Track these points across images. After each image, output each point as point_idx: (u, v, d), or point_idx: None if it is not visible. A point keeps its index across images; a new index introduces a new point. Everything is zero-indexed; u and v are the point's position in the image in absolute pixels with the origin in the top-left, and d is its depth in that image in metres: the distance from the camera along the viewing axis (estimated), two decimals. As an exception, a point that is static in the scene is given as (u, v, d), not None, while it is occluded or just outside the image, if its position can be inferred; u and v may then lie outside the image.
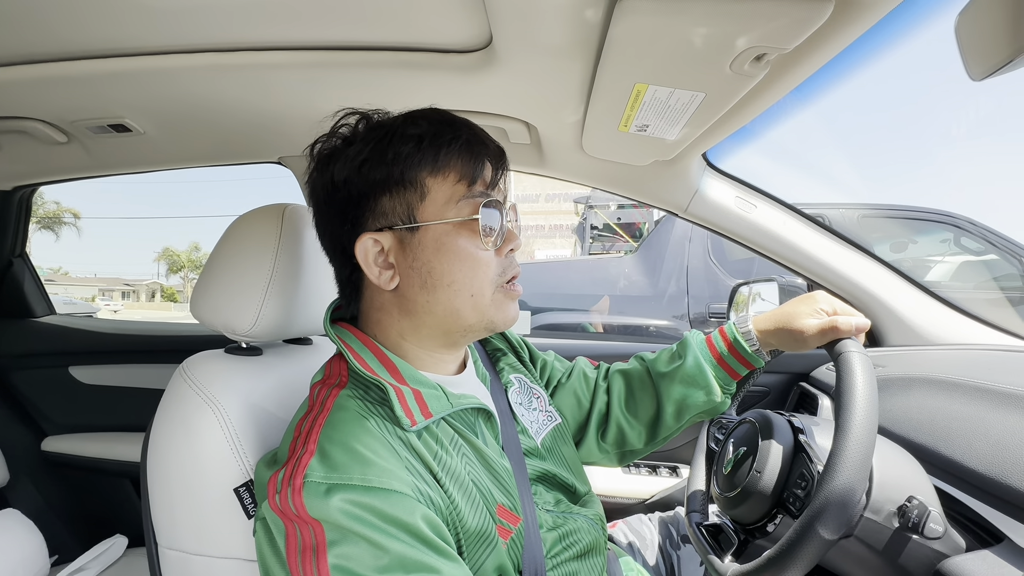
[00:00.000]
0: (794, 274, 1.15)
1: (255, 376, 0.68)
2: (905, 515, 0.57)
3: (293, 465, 0.48)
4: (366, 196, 0.56)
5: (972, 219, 2.89)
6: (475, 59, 0.74)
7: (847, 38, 0.55)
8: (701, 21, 0.52)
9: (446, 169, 0.56)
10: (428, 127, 0.56)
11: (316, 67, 0.81)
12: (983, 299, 2.80)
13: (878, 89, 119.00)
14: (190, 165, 1.21)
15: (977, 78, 0.43)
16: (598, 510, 0.72)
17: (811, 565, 0.54)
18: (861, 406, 0.54)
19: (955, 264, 2.98)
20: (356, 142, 0.57)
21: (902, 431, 0.77)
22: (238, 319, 0.66)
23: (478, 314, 0.58)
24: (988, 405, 0.70)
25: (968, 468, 0.64)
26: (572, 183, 1.21)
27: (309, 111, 0.96)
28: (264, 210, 0.71)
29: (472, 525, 0.52)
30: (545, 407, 0.76)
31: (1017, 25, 0.39)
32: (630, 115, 0.74)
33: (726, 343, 0.75)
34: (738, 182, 1.08)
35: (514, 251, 0.61)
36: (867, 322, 0.65)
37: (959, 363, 0.91)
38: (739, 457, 0.71)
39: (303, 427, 0.52)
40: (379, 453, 0.48)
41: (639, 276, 3.05)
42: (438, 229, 0.56)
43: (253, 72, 0.83)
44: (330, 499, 0.44)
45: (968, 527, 0.61)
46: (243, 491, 0.58)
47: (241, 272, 0.67)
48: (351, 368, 0.56)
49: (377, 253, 0.57)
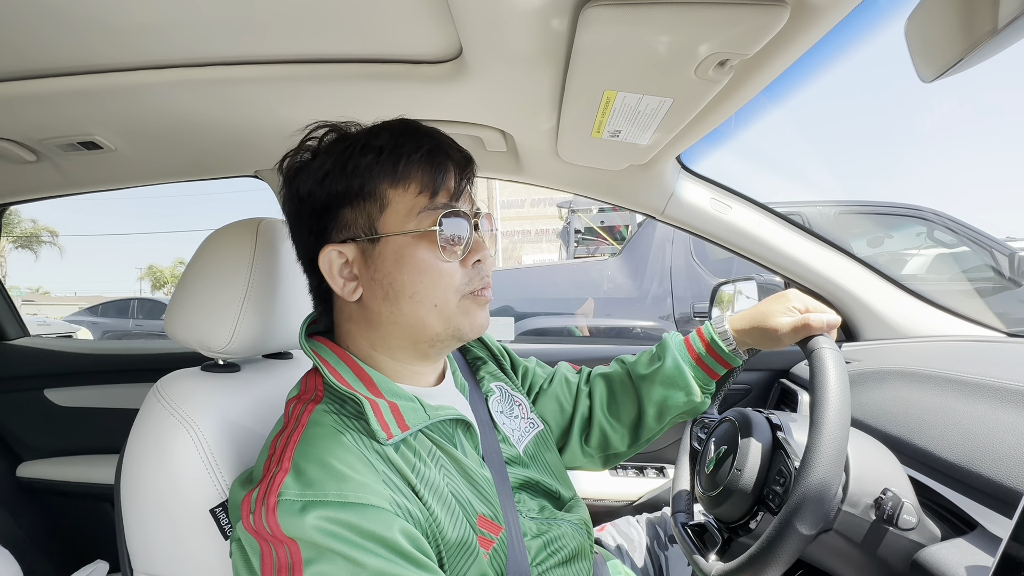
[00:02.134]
0: (771, 272, 1.17)
1: (233, 393, 0.67)
2: (881, 507, 0.58)
3: (267, 484, 0.47)
4: (328, 208, 0.57)
5: (943, 213, 2.97)
6: (447, 69, 0.75)
7: (805, 43, 0.56)
8: (664, 29, 0.53)
9: (406, 180, 0.56)
10: (390, 138, 0.56)
11: (288, 80, 0.81)
12: (956, 291, 2.88)
13: (845, 91, 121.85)
14: (165, 181, 1.20)
15: (928, 79, 0.44)
16: (583, 515, 0.72)
17: (791, 561, 0.54)
18: (833, 402, 0.55)
19: (930, 257, 3.06)
20: (320, 155, 0.57)
21: (877, 424, 0.79)
22: (213, 336, 0.65)
23: (444, 322, 0.57)
24: (959, 396, 0.71)
25: (941, 458, 0.66)
26: (551, 188, 1.21)
27: (283, 124, 0.95)
28: (238, 225, 0.71)
29: (452, 536, 0.51)
30: (527, 414, 0.76)
31: (963, 26, 0.41)
32: (602, 121, 0.75)
33: (704, 343, 0.76)
34: (712, 184, 1.10)
35: (482, 261, 0.59)
36: (838, 318, 0.66)
37: (931, 355, 0.93)
38: (720, 456, 0.72)
39: (278, 444, 0.51)
40: (355, 468, 0.48)
41: (623, 278, 3.07)
42: (398, 240, 0.55)
43: (224, 87, 0.82)
44: (305, 517, 0.44)
45: (943, 516, 0.63)
46: (220, 512, 0.57)
47: (216, 288, 0.66)
48: (327, 382, 0.55)
49: (341, 265, 0.57)
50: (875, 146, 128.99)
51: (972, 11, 0.39)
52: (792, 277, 1.13)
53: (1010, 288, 2.79)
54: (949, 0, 0.40)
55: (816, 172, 39.69)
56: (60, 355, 1.44)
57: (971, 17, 0.39)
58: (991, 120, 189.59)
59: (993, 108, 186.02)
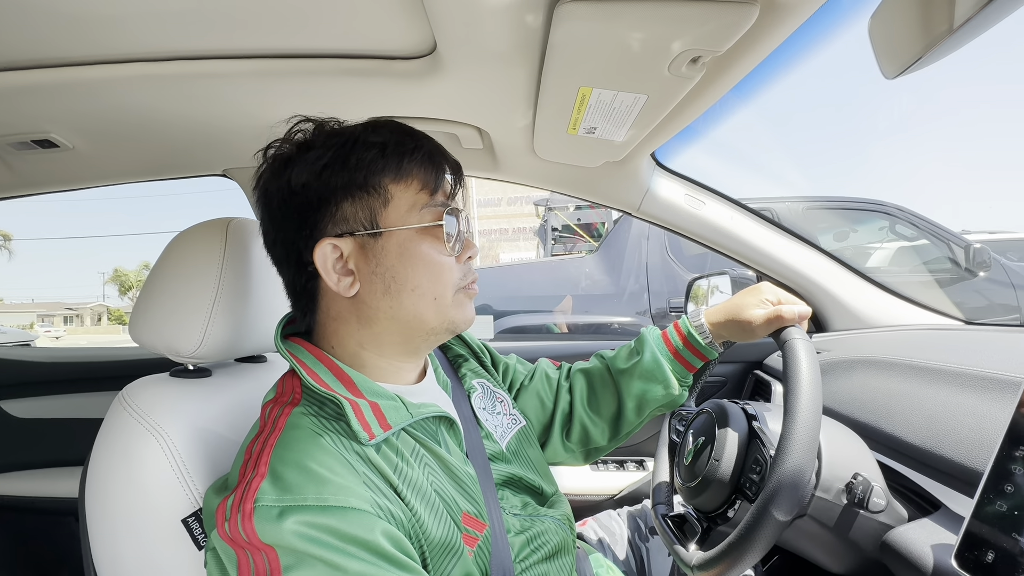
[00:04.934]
0: (744, 266, 1.20)
1: (204, 399, 0.65)
2: (852, 492, 0.60)
3: (243, 490, 0.46)
4: (327, 201, 0.56)
5: (904, 207, 3.10)
6: (421, 65, 0.74)
7: (774, 41, 0.57)
8: (636, 25, 0.54)
9: (409, 177, 0.56)
10: (390, 135, 0.57)
11: (258, 76, 0.78)
12: (917, 282, 3.00)
13: (813, 88, 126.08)
14: (127, 180, 1.15)
15: (890, 76, 0.46)
16: (566, 510, 0.73)
17: (768, 547, 0.56)
18: (805, 391, 0.56)
19: (892, 250, 3.18)
20: (316, 147, 0.56)
21: (847, 411, 0.82)
22: (182, 340, 0.63)
23: (440, 316, 0.58)
24: (922, 382, 0.74)
25: (906, 442, 0.68)
26: (529, 186, 1.22)
27: (253, 121, 0.93)
28: (207, 225, 0.69)
29: (436, 536, 0.51)
30: (509, 411, 0.76)
31: (924, 23, 0.42)
32: (577, 118, 0.76)
33: (680, 337, 0.77)
34: (687, 180, 1.12)
35: (472, 259, 0.62)
36: (808, 310, 0.68)
37: (896, 344, 0.97)
38: (698, 447, 0.73)
39: (253, 449, 0.50)
40: (335, 470, 0.47)
41: (601, 275, 3.10)
42: (402, 235, 0.56)
43: (191, 82, 0.80)
44: (283, 522, 0.43)
45: (909, 497, 0.65)
46: (192, 521, 0.55)
47: (184, 291, 0.64)
48: (304, 384, 0.54)
49: (336, 259, 0.56)
50: (841, 143, 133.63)
51: (930, 10, 0.40)
52: (764, 271, 1.16)
53: (966, 279, 2.92)
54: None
55: (786, 169, 40.99)
56: (16, 364, 1.37)
57: (929, 16, 0.41)
58: (947, 118, 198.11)
59: (949, 107, 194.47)
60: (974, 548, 0.48)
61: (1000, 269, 3.08)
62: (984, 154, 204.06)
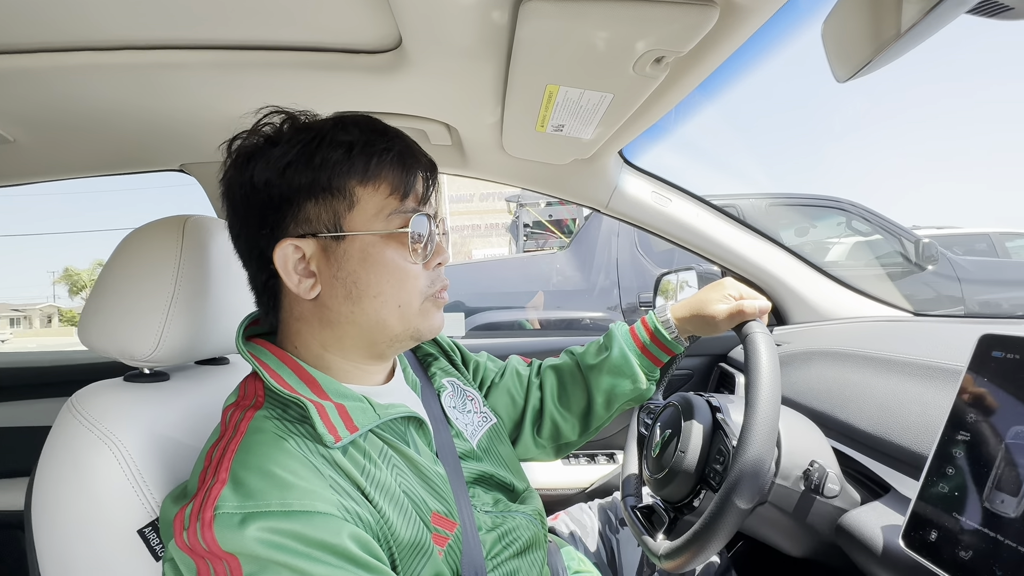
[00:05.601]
0: (709, 262, 1.23)
1: (161, 404, 0.63)
2: (809, 478, 0.63)
3: (202, 497, 0.44)
4: (289, 201, 0.54)
5: (859, 204, 3.24)
6: (386, 60, 0.72)
7: (734, 42, 0.59)
8: (601, 25, 0.54)
9: (377, 180, 0.54)
10: (360, 135, 0.54)
11: (218, 68, 0.75)
12: (871, 275, 3.15)
13: (771, 89, 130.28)
14: (76, 175, 1.09)
15: (842, 80, 0.48)
16: (537, 505, 0.73)
17: (731, 534, 0.57)
18: (765, 383, 0.58)
19: (849, 245, 3.33)
20: (281, 143, 0.54)
21: (804, 400, 0.85)
22: (136, 343, 0.61)
23: (404, 324, 0.57)
24: (874, 372, 0.78)
25: (859, 429, 0.72)
26: (498, 183, 1.21)
27: (212, 114, 0.89)
28: (162, 223, 0.66)
29: (405, 537, 0.51)
30: (480, 408, 0.76)
31: (874, 27, 0.44)
32: (545, 115, 0.76)
33: (648, 332, 0.78)
34: (653, 177, 1.14)
35: (442, 265, 0.60)
36: (768, 304, 0.70)
37: (850, 335, 1.01)
38: (665, 439, 0.75)
39: (214, 455, 0.49)
40: (299, 474, 0.46)
41: (572, 271, 3.13)
42: (365, 239, 0.54)
43: (145, 72, 0.76)
44: (245, 529, 0.42)
45: (862, 481, 0.69)
46: (149, 532, 0.53)
47: (138, 291, 0.61)
48: (267, 387, 0.53)
49: (298, 260, 0.54)
50: (802, 141, 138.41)
51: (879, 15, 0.42)
52: (728, 266, 1.20)
53: (915, 272, 3.09)
54: (859, 4, 0.43)
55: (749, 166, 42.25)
56: None
57: (878, 21, 0.43)
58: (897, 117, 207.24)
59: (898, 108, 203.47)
60: (919, 528, 0.51)
61: (947, 263, 3.27)
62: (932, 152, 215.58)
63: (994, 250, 4.70)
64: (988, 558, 0.45)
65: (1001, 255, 4.70)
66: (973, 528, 0.46)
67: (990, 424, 0.49)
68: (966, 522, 0.47)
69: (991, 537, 0.45)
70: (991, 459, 0.47)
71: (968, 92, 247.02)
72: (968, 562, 0.46)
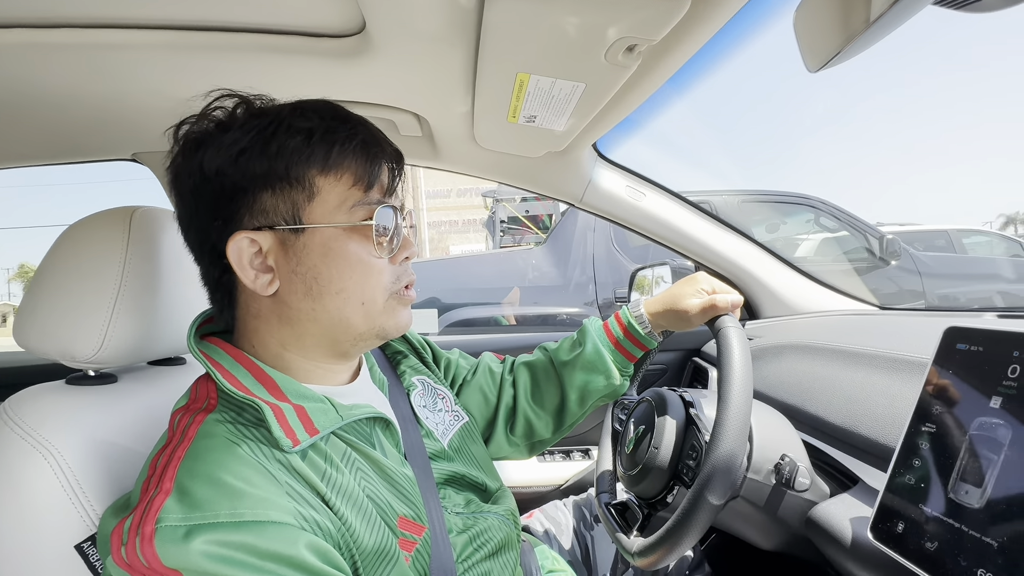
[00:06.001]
0: (683, 257, 1.24)
1: (107, 408, 0.59)
2: (780, 472, 0.63)
3: (143, 508, 0.41)
4: (243, 190, 0.50)
5: (827, 200, 3.34)
6: (350, 44, 0.69)
7: (708, 31, 0.58)
8: (571, 9, 0.53)
9: (339, 170, 0.51)
10: (320, 121, 0.51)
11: (170, 49, 0.71)
12: (838, 270, 3.25)
13: (744, 82, 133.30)
14: (14, 165, 1.02)
15: (813, 69, 0.47)
16: (510, 505, 0.72)
17: (704, 529, 0.57)
18: (738, 378, 0.58)
19: (817, 241, 3.42)
20: (233, 128, 0.50)
21: (775, 394, 0.86)
22: (78, 343, 0.56)
23: (369, 322, 0.54)
24: (842, 365, 0.79)
25: (828, 422, 0.72)
26: (472, 177, 1.19)
27: (164, 100, 0.84)
28: (107, 214, 0.61)
29: (369, 544, 0.48)
30: (451, 407, 0.74)
31: (845, 15, 0.43)
32: (517, 105, 0.74)
33: (621, 327, 0.77)
34: (628, 171, 1.13)
35: (409, 259, 0.58)
36: (740, 299, 0.70)
37: (819, 329, 1.03)
38: (639, 435, 0.74)
39: (159, 462, 0.45)
40: (252, 481, 0.43)
41: (548, 266, 3.13)
42: (327, 233, 0.51)
43: (89, 53, 0.71)
44: (190, 543, 0.39)
45: (831, 474, 0.69)
46: (88, 547, 0.49)
47: (80, 288, 0.57)
48: (220, 388, 0.50)
49: (254, 254, 0.51)
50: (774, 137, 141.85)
51: (848, 5, 0.42)
52: (700, 261, 1.20)
53: (880, 267, 3.19)
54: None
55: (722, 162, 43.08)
56: None
57: (847, 11, 0.42)
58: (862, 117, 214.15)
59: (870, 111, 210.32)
60: (887, 520, 0.51)
61: (909, 258, 3.39)
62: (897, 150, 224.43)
63: (952, 246, 4.90)
64: (953, 548, 0.45)
65: (959, 251, 4.91)
66: (938, 519, 0.47)
67: (955, 416, 0.49)
68: (932, 513, 0.47)
69: (955, 528, 0.45)
70: (956, 450, 0.48)
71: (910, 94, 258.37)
72: (934, 553, 0.46)
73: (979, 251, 5.33)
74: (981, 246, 5.45)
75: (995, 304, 3.83)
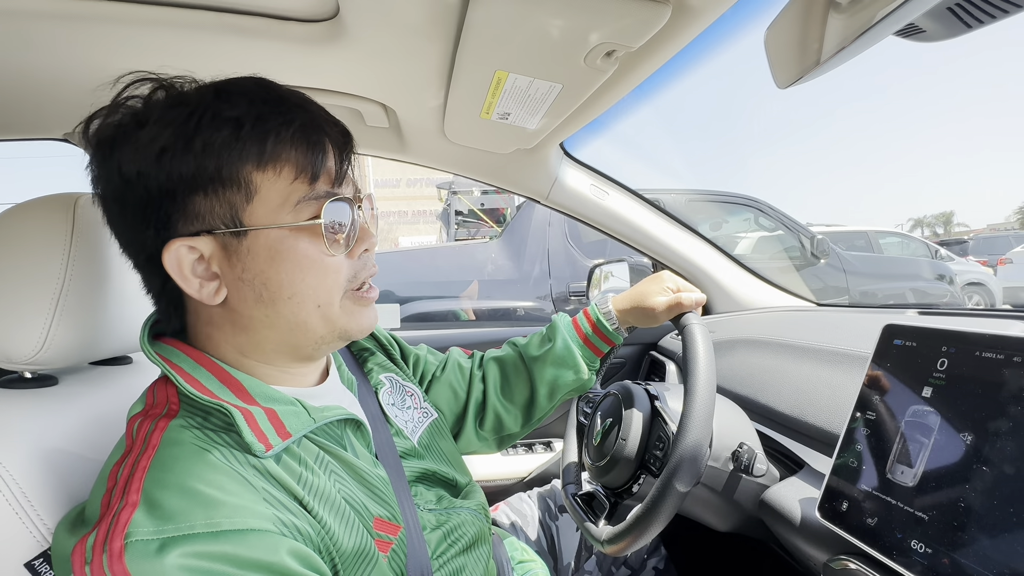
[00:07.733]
0: (641, 254, 1.28)
1: (49, 412, 0.54)
2: (738, 459, 0.68)
3: (109, 524, 0.38)
4: (170, 194, 0.45)
5: (763, 201, 3.55)
6: (321, 30, 0.66)
7: (681, 41, 0.60)
8: (557, 13, 0.53)
9: (278, 163, 0.46)
10: (248, 107, 0.45)
11: (117, 23, 0.65)
12: (775, 267, 3.47)
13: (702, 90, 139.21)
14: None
15: (783, 86, 0.50)
16: (480, 499, 0.73)
17: (671, 516, 0.60)
18: (703, 372, 0.61)
19: (755, 239, 3.64)
20: (149, 123, 0.44)
21: (730, 386, 0.91)
22: (16, 343, 0.52)
23: (328, 324, 0.51)
24: (789, 358, 0.85)
25: (778, 411, 0.78)
26: (434, 169, 1.17)
27: (103, 79, 0.77)
28: (47, 200, 0.56)
29: (348, 546, 0.47)
30: (420, 404, 0.73)
31: (814, 39, 0.46)
32: (492, 102, 0.74)
33: (590, 323, 0.80)
34: (592, 171, 1.16)
35: (369, 251, 0.53)
36: (704, 297, 0.74)
37: (767, 324, 1.10)
38: (606, 428, 0.77)
39: (120, 473, 0.42)
40: (227, 489, 0.41)
41: (505, 260, 3.13)
42: (272, 235, 0.46)
43: (21, 22, 0.64)
44: (165, 557, 0.37)
45: (780, 459, 0.75)
46: (40, 564, 0.45)
47: (17, 282, 0.52)
48: (182, 393, 0.47)
49: (195, 261, 0.46)
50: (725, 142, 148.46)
51: (818, 29, 0.45)
52: (659, 259, 1.25)
53: (812, 264, 3.44)
54: (800, 16, 0.46)
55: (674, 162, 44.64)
56: None
57: (817, 34, 0.45)
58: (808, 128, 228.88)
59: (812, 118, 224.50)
60: (833, 500, 0.56)
61: (835, 256, 3.68)
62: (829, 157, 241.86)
63: (871, 246, 5.38)
64: (890, 522, 0.50)
65: (876, 251, 5.39)
66: (877, 497, 0.52)
67: (891, 405, 0.55)
68: (872, 492, 0.53)
69: (892, 504, 0.50)
70: (892, 436, 0.53)
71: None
72: (874, 527, 0.51)
73: (893, 251, 5.89)
74: (895, 246, 6.02)
75: (907, 300, 4.24)
